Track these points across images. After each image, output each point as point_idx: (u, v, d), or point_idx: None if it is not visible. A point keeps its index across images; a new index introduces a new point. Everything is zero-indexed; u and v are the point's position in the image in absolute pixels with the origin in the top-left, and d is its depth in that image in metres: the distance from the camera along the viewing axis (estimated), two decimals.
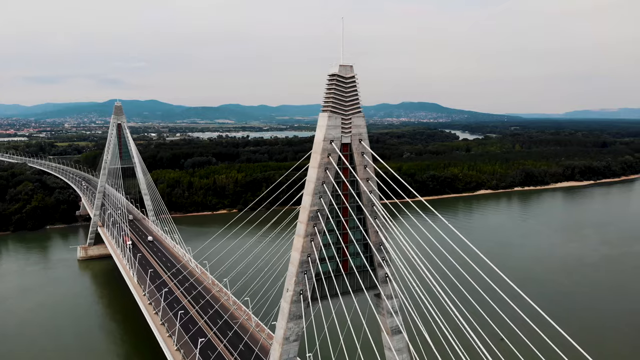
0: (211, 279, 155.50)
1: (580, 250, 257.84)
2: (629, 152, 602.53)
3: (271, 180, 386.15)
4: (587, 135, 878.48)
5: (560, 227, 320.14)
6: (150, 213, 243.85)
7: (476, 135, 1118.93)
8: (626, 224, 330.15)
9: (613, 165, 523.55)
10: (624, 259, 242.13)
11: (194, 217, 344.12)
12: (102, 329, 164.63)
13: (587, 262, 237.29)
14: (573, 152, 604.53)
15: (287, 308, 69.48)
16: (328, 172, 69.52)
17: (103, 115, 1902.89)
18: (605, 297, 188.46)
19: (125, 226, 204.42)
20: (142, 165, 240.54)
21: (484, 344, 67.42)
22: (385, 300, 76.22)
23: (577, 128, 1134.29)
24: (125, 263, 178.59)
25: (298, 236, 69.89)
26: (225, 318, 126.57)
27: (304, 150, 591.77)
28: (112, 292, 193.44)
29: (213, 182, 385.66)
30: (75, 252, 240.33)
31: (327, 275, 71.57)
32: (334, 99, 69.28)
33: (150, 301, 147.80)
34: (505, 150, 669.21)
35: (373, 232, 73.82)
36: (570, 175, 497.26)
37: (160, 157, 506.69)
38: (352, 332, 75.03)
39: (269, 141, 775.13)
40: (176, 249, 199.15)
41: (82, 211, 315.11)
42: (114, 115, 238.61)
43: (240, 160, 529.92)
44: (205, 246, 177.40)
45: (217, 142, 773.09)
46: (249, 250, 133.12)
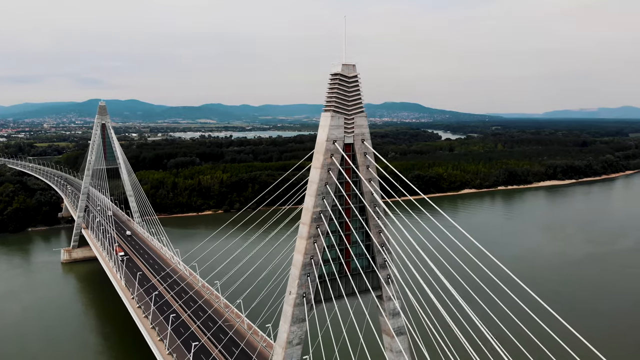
0: (202, 282, 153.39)
1: (566, 249, 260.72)
2: (609, 151, 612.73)
3: (257, 180, 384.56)
4: (567, 135, 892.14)
5: (545, 226, 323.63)
6: (135, 215, 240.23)
7: (458, 135, 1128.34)
8: (608, 222, 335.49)
9: (594, 164, 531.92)
10: (608, 257, 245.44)
11: (179, 219, 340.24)
12: (90, 333, 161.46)
13: (573, 260, 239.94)
14: (554, 152, 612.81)
15: (290, 311, 68.33)
16: (331, 172, 68.45)
17: (83, 115, 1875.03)
18: (594, 296, 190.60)
19: (113, 231, 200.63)
20: (127, 166, 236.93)
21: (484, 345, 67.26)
22: (387, 302, 75.53)
23: (557, 127, 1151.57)
24: (112, 266, 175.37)
25: (301, 238, 68.78)
26: (219, 323, 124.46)
27: (289, 150, 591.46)
28: (99, 296, 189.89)
29: (198, 183, 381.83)
30: (59, 254, 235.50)
31: (330, 277, 70.61)
32: (337, 99, 68.35)
33: (140, 304, 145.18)
34: (487, 149, 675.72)
35: (375, 233, 73.03)
36: (553, 174, 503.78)
37: (143, 157, 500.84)
38: (357, 333, 74.09)
39: (253, 141, 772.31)
40: (163, 251, 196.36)
41: (65, 213, 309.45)
42: (98, 115, 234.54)
43: (225, 160, 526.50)
44: (195, 248, 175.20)
45: (201, 142, 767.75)
46: (238, 251, 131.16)
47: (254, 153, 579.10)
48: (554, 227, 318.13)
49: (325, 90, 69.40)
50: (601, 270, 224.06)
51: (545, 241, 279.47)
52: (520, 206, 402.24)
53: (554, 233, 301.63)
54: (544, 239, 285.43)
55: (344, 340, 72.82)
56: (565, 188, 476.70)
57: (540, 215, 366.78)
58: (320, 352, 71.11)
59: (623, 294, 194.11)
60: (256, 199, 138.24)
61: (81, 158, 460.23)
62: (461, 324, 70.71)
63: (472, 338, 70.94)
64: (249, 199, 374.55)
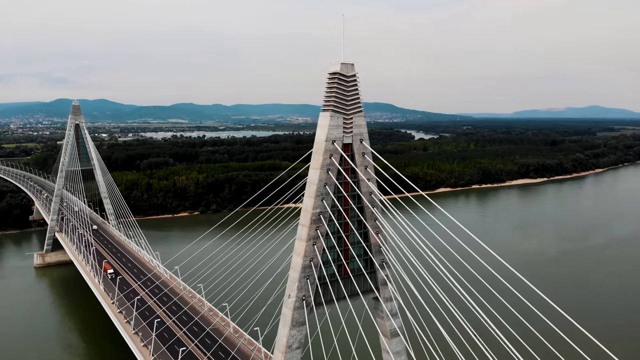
0: (183, 286, 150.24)
1: (540, 246, 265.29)
2: (579, 150, 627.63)
3: (234, 181, 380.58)
4: (537, 134, 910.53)
5: (519, 224, 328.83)
6: (111, 217, 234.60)
7: (431, 134, 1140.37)
8: (580, 219, 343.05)
9: (565, 163, 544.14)
10: (581, 254, 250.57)
11: (154, 221, 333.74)
12: (67, 339, 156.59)
13: (548, 257, 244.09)
14: (526, 151, 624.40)
15: (290, 315, 66.89)
16: (330, 173, 67.29)
17: (50, 115, 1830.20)
18: (574, 293, 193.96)
19: (92, 238, 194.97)
20: (102, 167, 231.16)
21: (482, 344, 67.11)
22: (384, 303, 74.79)
23: (527, 127, 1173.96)
24: (90, 270, 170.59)
25: (300, 240, 67.42)
26: (207, 330, 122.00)
27: (264, 150, 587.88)
28: (76, 301, 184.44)
29: (173, 184, 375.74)
30: (32, 259, 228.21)
31: (329, 279, 69.45)
32: (335, 98, 67.20)
33: (120, 309, 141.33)
34: (460, 149, 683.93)
35: (374, 233, 72.17)
36: (525, 172, 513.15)
37: (115, 158, 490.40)
38: (356, 335, 73.12)
39: (227, 141, 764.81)
40: (141, 254, 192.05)
41: (36, 216, 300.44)
42: (71, 115, 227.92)
43: (199, 160, 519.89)
44: (175, 251, 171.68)
45: (173, 143, 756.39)
46: (222, 253, 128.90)
47: (229, 153, 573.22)
48: (528, 225, 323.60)
49: (324, 89, 68.22)
50: (576, 267, 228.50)
51: (520, 239, 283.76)
52: (494, 204, 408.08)
53: (528, 230, 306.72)
54: (519, 236, 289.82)
55: (342, 342, 71.87)
56: (537, 186, 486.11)
57: (514, 213, 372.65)
58: (319, 356, 69.94)
59: (598, 290, 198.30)
60: (251, 199, 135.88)
61: (51, 159, 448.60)
62: (458, 323, 70.51)
63: (469, 337, 70.87)
64: (226, 200, 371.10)
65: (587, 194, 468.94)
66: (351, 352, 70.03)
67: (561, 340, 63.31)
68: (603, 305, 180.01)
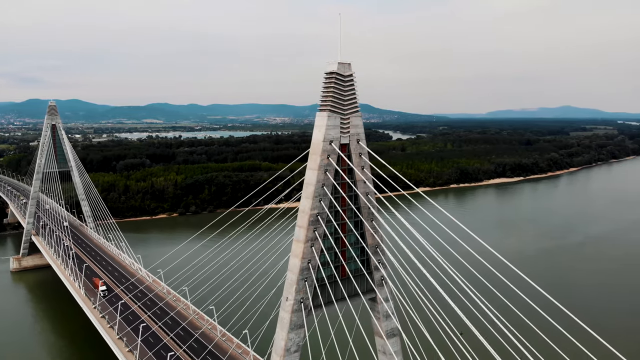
0: (167, 289, 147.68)
1: (519, 245, 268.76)
2: (553, 149, 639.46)
3: (214, 182, 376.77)
4: (512, 134, 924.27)
5: (497, 222, 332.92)
6: (89, 220, 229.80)
7: (408, 135, 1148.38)
8: (556, 218, 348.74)
9: (540, 162, 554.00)
10: (560, 252, 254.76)
11: (133, 223, 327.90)
12: (47, 345, 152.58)
13: (527, 255, 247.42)
14: (502, 150, 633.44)
15: (288, 318, 65.92)
16: (328, 173, 66.55)
17: (22, 115, 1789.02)
18: (556, 290, 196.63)
19: (71, 242, 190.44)
20: (80, 169, 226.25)
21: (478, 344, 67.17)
22: (380, 304, 74.37)
23: (501, 127, 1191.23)
24: (69, 274, 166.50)
25: (297, 241, 66.51)
26: (196, 336, 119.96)
27: (243, 150, 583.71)
28: (56, 306, 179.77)
29: (151, 185, 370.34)
30: (8, 263, 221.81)
31: (326, 280, 68.68)
32: (333, 98, 66.51)
33: (103, 314, 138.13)
34: (438, 149, 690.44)
35: (370, 234, 71.73)
36: (502, 172, 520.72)
37: (90, 159, 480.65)
38: (355, 336, 72.49)
39: (204, 141, 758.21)
40: (122, 257, 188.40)
41: (11, 219, 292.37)
42: (47, 115, 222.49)
43: (177, 161, 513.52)
44: (155, 254, 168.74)
45: (150, 143, 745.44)
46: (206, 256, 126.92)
47: (207, 154, 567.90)
48: (506, 224, 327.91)
49: (320, 89, 67.48)
50: (555, 265, 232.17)
51: (499, 237, 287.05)
52: (472, 203, 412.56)
53: (507, 229, 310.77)
54: (498, 235, 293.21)
55: (339, 343, 71.24)
56: (513, 185, 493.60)
57: (491, 212, 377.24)
58: (317, 356, 69.13)
59: (580, 287, 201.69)
60: (244, 199, 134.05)
61: (25, 161, 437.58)
62: (454, 323, 70.60)
63: (465, 337, 70.92)
64: (206, 202, 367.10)
65: (562, 192, 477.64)
66: (349, 352, 69.49)
67: (560, 340, 63.67)
68: (587, 302, 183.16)
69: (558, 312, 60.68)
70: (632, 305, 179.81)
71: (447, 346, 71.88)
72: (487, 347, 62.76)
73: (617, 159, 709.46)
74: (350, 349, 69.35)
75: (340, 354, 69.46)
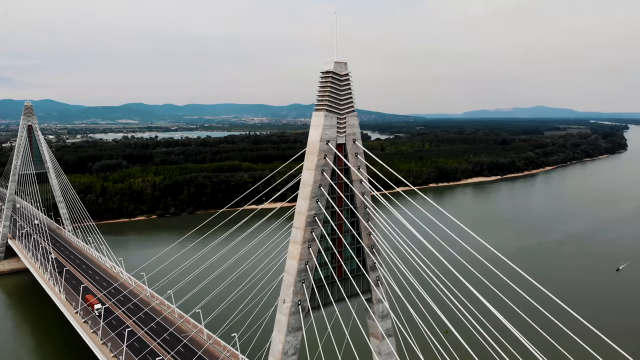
0: (150, 293, 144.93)
1: (499, 243, 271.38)
2: (529, 148, 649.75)
3: (193, 182, 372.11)
4: (488, 134, 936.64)
5: (476, 221, 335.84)
6: (67, 222, 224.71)
7: (386, 135, 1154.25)
8: (534, 216, 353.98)
9: (517, 161, 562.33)
10: (539, 249, 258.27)
11: (110, 225, 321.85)
12: (26, 352, 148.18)
13: (508, 253, 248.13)
14: (479, 150, 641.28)
15: (285, 320, 64.83)
16: (325, 174, 65.70)
17: None
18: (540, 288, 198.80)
19: (49, 245, 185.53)
20: (58, 170, 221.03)
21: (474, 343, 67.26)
22: (376, 304, 73.84)
23: (477, 127, 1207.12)
24: (49, 278, 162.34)
25: (294, 243, 65.48)
26: (184, 342, 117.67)
27: (222, 151, 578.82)
28: (34, 311, 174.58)
29: (129, 187, 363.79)
30: None
31: (324, 282, 67.80)
32: (329, 98, 65.69)
33: (86, 319, 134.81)
34: (416, 149, 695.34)
35: (366, 234, 71.13)
36: (479, 171, 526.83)
37: (66, 161, 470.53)
38: (356, 337, 71.79)
39: (182, 142, 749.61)
40: (102, 261, 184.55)
41: None
42: (24, 116, 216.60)
43: (154, 162, 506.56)
44: (134, 256, 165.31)
45: (126, 144, 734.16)
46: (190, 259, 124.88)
47: (184, 154, 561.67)
48: (485, 222, 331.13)
49: (316, 88, 66.57)
50: (536, 262, 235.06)
51: (479, 235, 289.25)
52: (451, 202, 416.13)
53: (486, 227, 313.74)
54: (478, 233, 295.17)
55: (336, 344, 70.42)
56: (491, 184, 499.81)
57: (470, 210, 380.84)
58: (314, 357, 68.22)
59: (562, 285, 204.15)
60: (237, 200, 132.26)
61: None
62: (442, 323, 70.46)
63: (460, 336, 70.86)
64: (185, 203, 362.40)
65: (539, 191, 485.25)
66: (349, 353, 68.85)
67: (559, 338, 63.92)
68: (570, 300, 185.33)
69: (558, 312, 60.83)
70: (616, 303, 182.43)
71: (442, 346, 71.72)
72: (486, 346, 62.78)
73: (591, 157, 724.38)
74: (348, 350, 68.69)
75: (338, 354, 68.69)
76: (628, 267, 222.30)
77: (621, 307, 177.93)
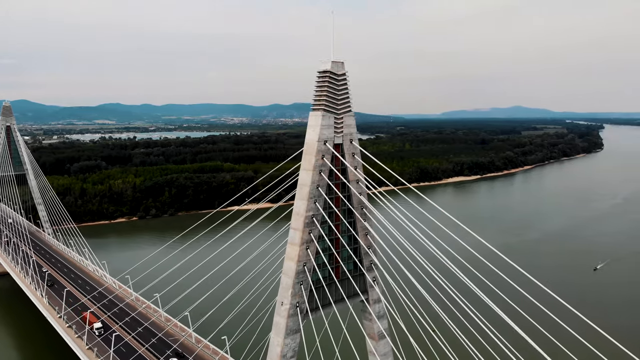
0: (135, 296, 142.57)
1: (480, 242, 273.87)
2: (508, 148, 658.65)
3: (174, 184, 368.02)
4: (467, 134, 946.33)
5: (441, 221, 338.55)
6: (46, 225, 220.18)
7: (367, 135, 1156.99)
8: (514, 214, 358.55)
9: (496, 161, 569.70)
10: (521, 248, 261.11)
11: (90, 228, 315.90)
12: (8, 357, 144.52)
13: (490, 251, 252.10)
14: (459, 150, 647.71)
15: (284, 323, 64.12)
16: (322, 174, 65.21)
17: None
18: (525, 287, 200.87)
19: (30, 249, 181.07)
20: (37, 171, 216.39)
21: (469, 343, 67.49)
22: (372, 305, 73.58)
23: (456, 127, 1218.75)
24: (30, 282, 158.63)
25: (292, 244, 64.82)
26: (174, 347, 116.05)
27: (203, 151, 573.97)
28: (14, 315, 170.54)
29: (108, 188, 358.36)
30: None
31: (323, 282, 67.29)
32: (327, 97, 65.20)
33: (70, 324, 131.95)
34: (397, 149, 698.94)
35: (363, 234, 70.82)
36: (460, 170, 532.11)
37: (43, 162, 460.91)
38: (355, 337, 71.41)
39: (161, 142, 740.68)
40: (85, 264, 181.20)
41: None
42: (2, 116, 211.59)
43: (134, 163, 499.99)
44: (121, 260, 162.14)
45: (104, 145, 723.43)
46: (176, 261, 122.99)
47: (164, 155, 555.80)
48: (465, 221, 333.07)
49: (313, 88, 66.04)
50: (518, 261, 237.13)
51: (460, 234, 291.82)
52: (434, 201, 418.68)
53: (467, 226, 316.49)
54: (458, 232, 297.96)
55: (332, 346, 69.95)
56: (471, 183, 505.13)
57: (451, 209, 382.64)
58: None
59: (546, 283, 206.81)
60: (233, 199, 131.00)
61: None
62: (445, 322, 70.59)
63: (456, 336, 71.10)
64: (166, 204, 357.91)
65: (519, 190, 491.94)
66: (348, 353, 68.48)
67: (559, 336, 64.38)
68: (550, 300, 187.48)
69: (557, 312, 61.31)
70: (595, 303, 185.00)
71: (438, 345, 71.85)
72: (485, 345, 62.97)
73: (568, 157, 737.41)
74: (348, 351, 68.33)
75: (338, 355, 68.22)
76: (605, 267, 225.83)
77: (600, 308, 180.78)
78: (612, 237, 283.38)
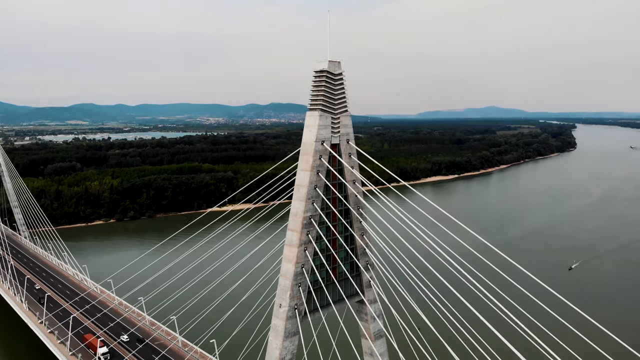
0: (118, 300, 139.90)
1: (462, 240, 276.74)
2: (484, 147, 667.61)
3: (153, 185, 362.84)
4: (443, 134, 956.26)
5: (436, 219, 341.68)
6: (22, 228, 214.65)
7: None
8: (491, 213, 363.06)
9: (473, 160, 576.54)
10: (502, 246, 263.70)
11: (67, 230, 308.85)
12: None
13: (468, 252, 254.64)
14: (436, 149, 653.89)
15: (282, 325, 63.37)
16: (320, 174, 64.66)
17: None
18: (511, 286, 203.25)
19: (8, 254, 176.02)
20: (12, 172, 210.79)
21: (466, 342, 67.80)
22: (368, 305, 73.31)
23: (432, 127, 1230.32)
24: (8, 287, 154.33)
25: (290, 246, 64.10)
26: (163, 353, 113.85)
27: (180, 152, 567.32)
28: None
29: (85, 190, 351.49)
30: None
31: (322, 283, 66.76)
32: (324, 97, 64.67)
33: (52, 330, 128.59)
34: (376, 149, 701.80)
35: (360, 235, 70.51)
36: (438, 170, 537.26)
37: (16, 163, 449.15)
38: (356, 339, 70.94)
39: (136, 143, 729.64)
40: (63, 268, 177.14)
41: None
42: None
43: (109, 164, 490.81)
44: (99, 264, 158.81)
45: (78, 146, 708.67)
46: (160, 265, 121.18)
47: (141, 156, 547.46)
48: (445, 220, 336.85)
49: (310, 88, 65.42)
50: (500, 260, 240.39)
51: (439, 233, 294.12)
52: (413, 201, 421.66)
53: (447, 225, 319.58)
54: (438, 231, 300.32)
55: (330, 346, 69.46)
56: (449, 183, 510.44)
57: (429, 209, 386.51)
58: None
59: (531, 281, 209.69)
60: (228, 197, 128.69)
61: None
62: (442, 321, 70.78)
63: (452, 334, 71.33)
64: (144, 206, 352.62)
65: (496, 189, 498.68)
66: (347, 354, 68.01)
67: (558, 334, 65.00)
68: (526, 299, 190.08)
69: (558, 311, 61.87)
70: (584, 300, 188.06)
71: (434, 345, 71.95)
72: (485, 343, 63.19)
73: (542, 156, 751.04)
74: (348, 351, 67.90)
75: (338, 356, 67.74)
76: (579, 266, 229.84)
77: (577, 305, 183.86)
78: (588, 234, 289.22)
